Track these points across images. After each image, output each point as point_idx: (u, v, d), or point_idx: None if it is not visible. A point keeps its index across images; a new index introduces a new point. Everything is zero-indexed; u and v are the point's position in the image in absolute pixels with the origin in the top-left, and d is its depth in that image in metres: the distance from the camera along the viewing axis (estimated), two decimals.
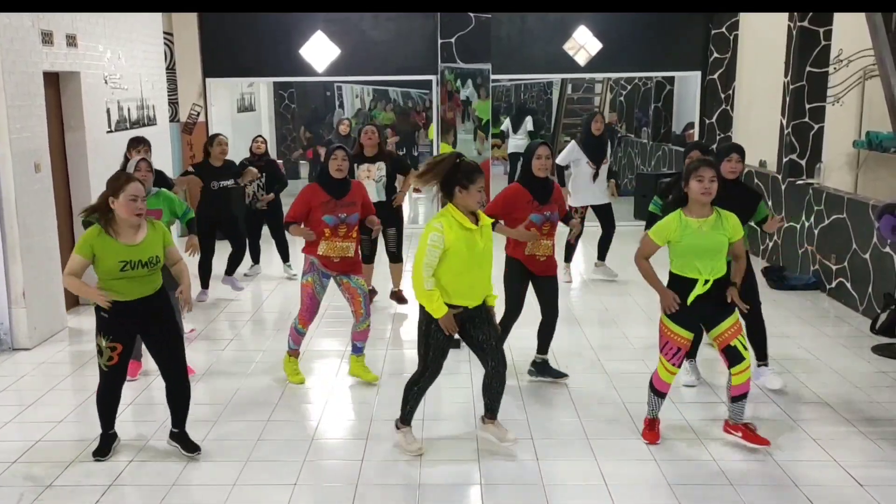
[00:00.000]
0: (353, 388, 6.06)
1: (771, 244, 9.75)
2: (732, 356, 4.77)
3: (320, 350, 6.88)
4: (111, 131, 8.67)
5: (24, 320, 6.87)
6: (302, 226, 5.83)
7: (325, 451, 4.99)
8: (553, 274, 5.89)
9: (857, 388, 5.90)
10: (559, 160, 8.84)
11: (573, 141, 9.27)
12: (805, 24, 8.80)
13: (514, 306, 5.87)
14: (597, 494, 4.42)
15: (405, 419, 4.91)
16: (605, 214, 9.07)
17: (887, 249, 7.26)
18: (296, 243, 9.72)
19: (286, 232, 6.09)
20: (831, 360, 6.46)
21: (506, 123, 15.98)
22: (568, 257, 9.05)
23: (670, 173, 13.38)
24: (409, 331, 7.52)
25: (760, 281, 7.06)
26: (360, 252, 5.99)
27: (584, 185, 8.88)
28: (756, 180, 10.12)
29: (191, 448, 4.86)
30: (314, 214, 5.76)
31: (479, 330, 4.73)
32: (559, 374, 6.03)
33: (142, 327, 4.72)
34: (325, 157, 5.89)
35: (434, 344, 4.70)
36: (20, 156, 6.79)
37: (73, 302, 7.94)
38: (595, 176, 8.81)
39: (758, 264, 8.86)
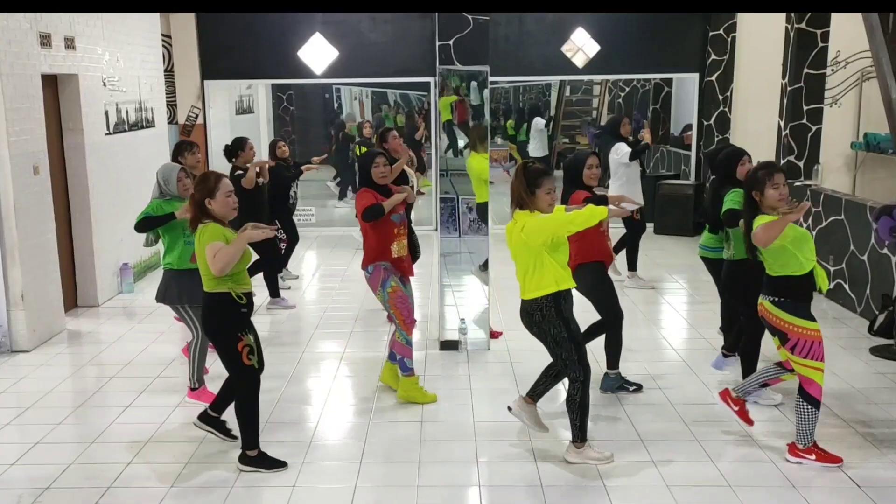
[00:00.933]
0: (350, 390, 6.07)
1: None
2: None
3: (319, 352, 6.88)
4: (109, 133, 8.67)
5: (22, 322, 6.87)
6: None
7: (324, 453, 4.99)
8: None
9: (855, 389, 5.91)
10: (623, 157, 8.76)
11: (621, 143, 9.03)
12: (802, 25, 8.81)
13: (614, 309, 5.75)
14: (594, 494, 4.42)
15: (582, 433, 4.73)
16: (639, 215, 8.96)
17: (885, 251, 7.27)
18: (297, 250, 9.70)
19: (370, 217, 5.55)
20: (829, 362, 6.43)
21: (537, 122, 16.07)
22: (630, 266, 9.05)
23: (668, 175, 13.45)
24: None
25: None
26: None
27: (630, 187, 8.81)
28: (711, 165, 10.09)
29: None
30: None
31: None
32: (631, 385, 5.89)
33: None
34: (365, 163, 5.67)
35: (572, 331, 4.66)
36: (19, 158, 6.79)
37: (71, 304, 7.95)
38: (642, 174, 8.87)
39: None
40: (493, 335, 6.88)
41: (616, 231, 9.09)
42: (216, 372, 6.01)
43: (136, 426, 5.30)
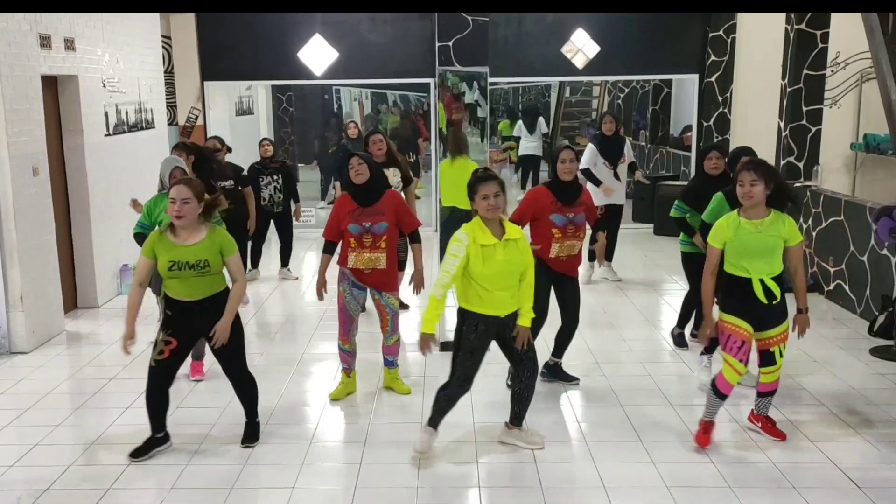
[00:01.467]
0: None
1: None
2: (767, 359, 4.90)
3: (318, 353, 6.88)
4: (109, 135, 8.67)
5: (21, 324, 6.87)
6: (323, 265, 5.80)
7: (324, 454, 4.99)
8: (574, 276, 5.85)
9: (855, 390, 5.90)
10: (581, 163, 8.81)
11: (590, 143, 9.18)
12: (802, 26, 8.82)
13: (538, 309, 5.81)
14: (595, 496, 4.42)
15: (431, 421, 4.86)
16: (615, 216, 9.00)
17: (885, 251, 7.27)
18: (297, 251, 9.76)
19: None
20: (829, 363, 6.47)
21: (518, 127, 15.95)
22: (590, 257, 9.06)
23: (667, 176, 13.45)
24: (411, 335, 7.52)
25: None
26: (395, 266, 5.76)
27: (611, 183, 8.91)
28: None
29: (245, 438, 5.02)
30: (342, 225, 5.62)
31: (512, 343, 4.80)
32: (570, 378, 6.02)
33: (201, 327, 4.77)
34: (343, 164, 5.78)
35: (464, 345, 4.75)
36: (18, 159, 6.79)
37: (71, 305, 7.94)
38: (616, 175, 8.85)
39: None
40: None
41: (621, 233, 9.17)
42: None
43: (136, 427, 5.29)
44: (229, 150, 8.73)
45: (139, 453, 4.83)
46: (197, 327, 4.79)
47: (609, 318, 7.82)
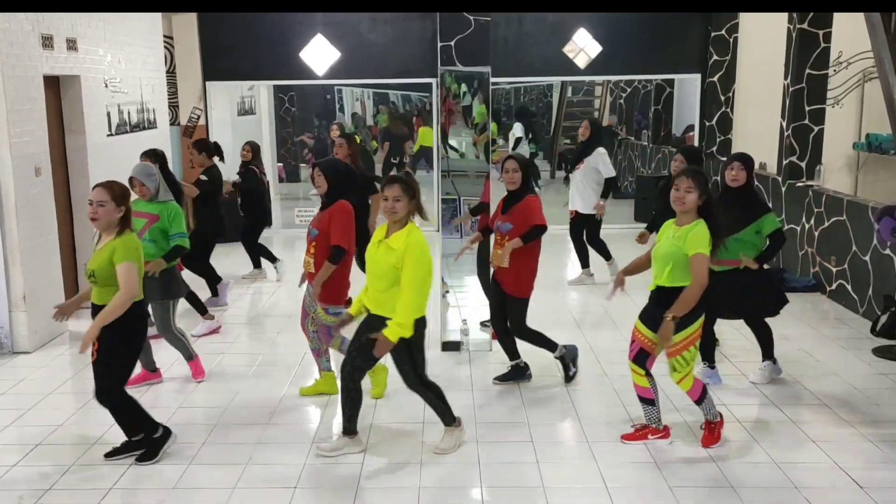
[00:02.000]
0: None
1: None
2: (641, 360, 4.97)
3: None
4: (111, 135, 8.67)
5: (24, 324, 6.87)
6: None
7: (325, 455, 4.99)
8: (506, 291, 5.86)
9: (858, 390, 5.90)
10: (607, 172, 8.88)
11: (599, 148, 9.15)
12: (804, 26, 8.81)
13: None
14: (597, 498, 4.41)
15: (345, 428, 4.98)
16: (589, 223, 8.97)
17: (887, 251, 7.26)
18: (297, 251, 9.75)
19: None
20: (831, 362, 6.46)
21: (518, 129, 15.93)
22: (584, 263, 9.10)
23: (669, 176, 13.40)
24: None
25: None
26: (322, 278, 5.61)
27: (574, 189, 9.03)
28: (756, 182, 10.11)
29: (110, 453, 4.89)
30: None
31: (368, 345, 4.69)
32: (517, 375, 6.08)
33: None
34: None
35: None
36: (20, 159, 6.80)
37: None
38: (566, 180, 8.94)
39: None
40: (495, 336, 6.87)
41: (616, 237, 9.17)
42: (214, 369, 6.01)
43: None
44: (221, 157, 8.68)
45: (146, 458, 4.83)
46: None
47: (611, 317, 7.81)
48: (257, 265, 9.46)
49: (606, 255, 9.04)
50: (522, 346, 6.07)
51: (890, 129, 7.55)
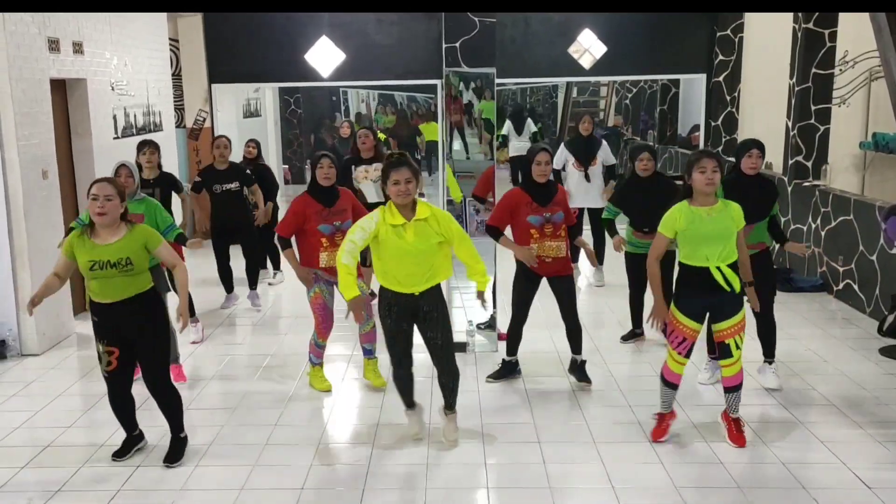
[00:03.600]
0: (359, 391, 6.07)
1: (778, 246, 9.72)
2: (723, 351, 4.91)
3: (326, 355, 6.86)
4: (118, 137, 8.71)
5: (32, 326, 6.90)
6: (295, 247, 5.84)
7: (333, 455, 5.00)
8: (566, 274, 5.87)
9: (865, 390, 5.88)
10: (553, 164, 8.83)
11: (563, 143, 9.28)
12: (810, 25, 8.80)
13: (517, 310, 5.93)
14: (603, 497, 4.41)
15: (405, 405, 5.13)
16: (595, 219, 8.94)
17: (894, 251, 7.25)
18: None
19: (280, 249, 5.93)
20: (839, 362, 6.45)
21: (506, 127, 15.88)
22: (574, 258, 9.00)
23: (675, 176, 13.40)
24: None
25: None
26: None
27: (574, 187, 8.98)
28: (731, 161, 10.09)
29: (167, 456, 4.84)
30: (309, 226, 5.72)
31: (427, 326, 4.86)
32: (582, 379, 6.01)
33: (127, 332, 4.65)
34: (312, 166, 5.86)
35: (384, 331, 4.90)
36: (28, 162, 6.83)
37: (80, 307, 7.97)
38: (586, 177, 8.83)
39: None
40: (501, 337, 6.88)
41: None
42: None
43: (147, 429, 5.30)
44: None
45: (121, 454, 4.90)
46: (124, 331, 4.64)
47: (615, 316, 7.81)
48: (277, 266, 9.38)
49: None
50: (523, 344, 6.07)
51: None
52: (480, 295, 5.01)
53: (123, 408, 4.87)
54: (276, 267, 9.36)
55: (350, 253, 4.68)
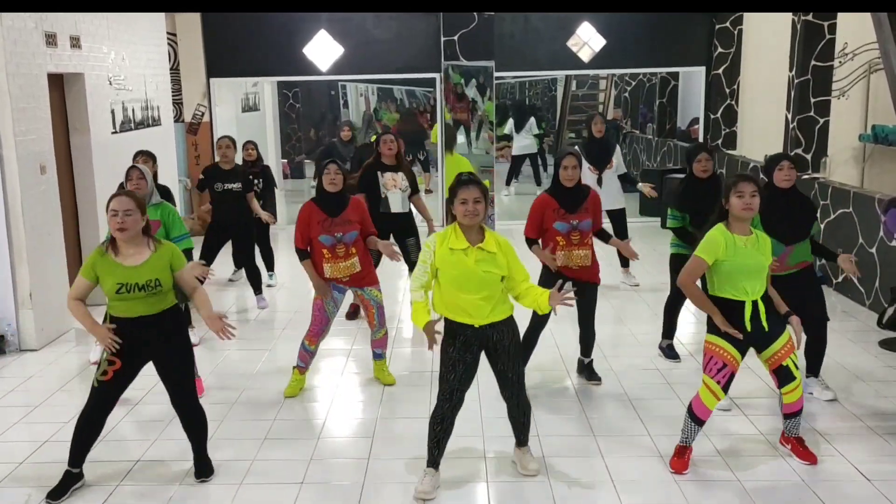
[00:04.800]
0: (358, 386, 6.07)
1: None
2: (784, 376, 4.52)
3: (327, 349, 6.86)
4: (116, 132, 8.69)
5: (30, 321, 6.89)
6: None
7: (331, 450, 5.00)
8: (592, 282, 5.74)
9: (864, 382, 5.88)
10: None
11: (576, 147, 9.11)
12: (809, 17, 8.77)
13: (538, 316, 5.73)
14: (604, 493, 4.41)
15: (430, 460, 4.48)
16: (617, 220, 8.73)
17: (894, 243, 7.24)
18: (279, 253, 9.68)
19: (298, 259, 5.81)
20: (838, 355, 6.45)
21: (509, 125, 15.87)
22: (624, 262, 8.81)
23: (675, 169, 13.40)
24: (416, 330, 7.53)
25: None
26: (370, 262, 5.84)
27: (603, 189, 8.74)
28: (761, 174, 10.09)
29: (199, 473, 4.62)
30: (312, 235, 5.64)
31: (497, 357, 4.42)
32: (592, 377, 5.98)
33: (148, 347, 4.41)
34: (317, 172, 5.81)
35: (443, 359, 4.41)
36: (25, 158, 6.81)
37: None
38: (599, 181, 8.47)
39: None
40: None
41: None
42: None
43: (145, 424, 5.31)
44: None
45: (56, 495, 4.41)
46: (140, 347, 4.38)
47: (618, 313, 7.81)
48: (270, 268, 9.31)
49: (624, 261, 8.83)
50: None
51: None
52: (554, 307, 4.36)
53: (91, 433, 4.49)
54: (270, 268, 9.28)
55: (419, 289, 4.39)
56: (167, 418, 5.14)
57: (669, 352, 6.49)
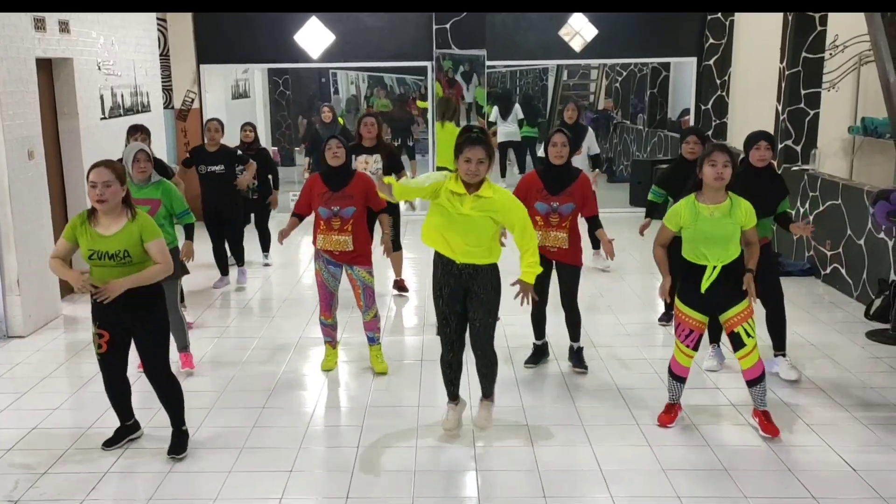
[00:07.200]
0: (349, 375, 6.07)
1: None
2: (735, 341, 4.84)
3: (317, 337, 6.86)
4: (105, 118, 8.63)
5: (18, 308, 6.86)
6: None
7: (321, 439, 5.00)
8: (571, 263, 5.79)
9: (852, 373, 5.92)
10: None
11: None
12: None
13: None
14: (591, 480, 4.43)
15: (449, 395, 4.99)
16: None
17: (882, 235, 7.27)
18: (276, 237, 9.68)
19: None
20: (826, 346, 6.48)
21: (493, 113, 15.77)
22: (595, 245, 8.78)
23: (666, 160, 13.41)
24: (409, 319, 7.54)
25: None
26: (366, 243, 5.86)
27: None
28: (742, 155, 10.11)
29: (171, 449, 4.71)
30: (313, 205, 5.82)
31: (471, 304, 4.72)
32: (579, 365, 6.00)
33: (126, 320, 4.52)
34: (322, 148, 5.91)
35: (436, 313, 4.86)
36: (13, 143, 6.76)
37: (67, 290, 7.93)
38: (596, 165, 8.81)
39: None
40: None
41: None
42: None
43: (136, 412, 5.29)
44: None
45: (111, 443, 4.79)
46: (121, 319, 4.49)
47: (606, 301, 7.82)
48: (266, 248, 9.37)
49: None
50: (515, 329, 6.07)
51: (886, 112, 7.55)
52: (521, 283, 4.68)
53: (117, 396, 4.76)
54: (265, 249, 9.35)
55: (406, 183, 4.72)
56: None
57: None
